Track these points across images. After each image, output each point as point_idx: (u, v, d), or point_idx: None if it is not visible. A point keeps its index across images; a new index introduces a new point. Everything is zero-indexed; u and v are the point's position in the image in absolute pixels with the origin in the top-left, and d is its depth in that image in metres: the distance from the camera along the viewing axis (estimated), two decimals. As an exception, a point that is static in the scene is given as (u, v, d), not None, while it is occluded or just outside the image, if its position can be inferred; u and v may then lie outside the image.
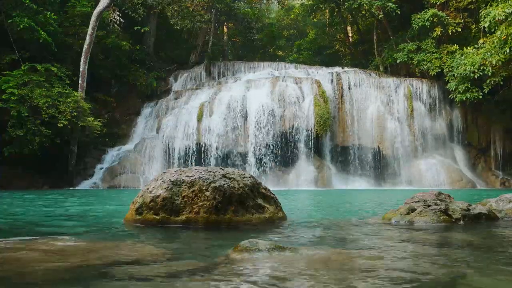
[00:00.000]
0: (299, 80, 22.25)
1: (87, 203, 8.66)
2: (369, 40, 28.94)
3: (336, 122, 21.68)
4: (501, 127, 22.62)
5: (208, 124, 20.37)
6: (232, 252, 2.54)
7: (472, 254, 2.79)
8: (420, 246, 3.03)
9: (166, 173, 4.48)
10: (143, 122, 23.76)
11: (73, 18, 22.09)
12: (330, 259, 2.52)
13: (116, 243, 3.09)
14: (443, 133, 22.42)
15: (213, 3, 27.33)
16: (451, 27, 22.59)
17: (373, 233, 3.80)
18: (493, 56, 18.53)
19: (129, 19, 24.61)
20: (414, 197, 4.78)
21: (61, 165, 19.28)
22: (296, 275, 2.09)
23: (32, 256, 2.51)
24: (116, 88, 24.65)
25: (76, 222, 5.02)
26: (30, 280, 2.01)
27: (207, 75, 26.96)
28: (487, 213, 4.58)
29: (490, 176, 22.17)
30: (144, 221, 4.26)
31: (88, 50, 20.26)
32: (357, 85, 22.41)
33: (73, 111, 17.99)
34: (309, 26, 37.44)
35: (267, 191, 4.69)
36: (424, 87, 22.71)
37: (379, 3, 24.34)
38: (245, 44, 35.84)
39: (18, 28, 18.19)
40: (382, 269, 2.24)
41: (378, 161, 21.27)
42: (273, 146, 20.06)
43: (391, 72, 25.42)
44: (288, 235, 3.78)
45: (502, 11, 17.52)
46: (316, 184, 19.38)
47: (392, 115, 21.86)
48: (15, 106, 16.82)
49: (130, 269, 2.23)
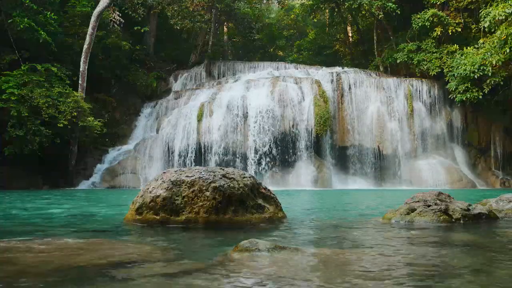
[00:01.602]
0: (299, 80, 22.25)
1: (87, 203, 8.66)
2: (369, 40, 28.94)
3: (336, 122, 21.68)
4: (501, 127, 22.61)
5: (208, 124, 20.37)
6: (232, 252, 2.54)
7: (472, 254, 2.79)
8: (420, 246, 3.03)
9: (166, 173, 4.47)
10: (143, 122, 23.76)
11: (73, 18, 22.10)
12: (330, 259, 2.52)
13: (116, 243, 3.09)
14: (443, 133, 22.42)
15: (213, 3, 27.33)
16: (451, 27, 22.59)
17: (373, 233, 3.80)
18: (493, 56, 18.53)
19: (129, 19, 24.62)
20: (414, 197, 4.78)
21: (61, 165, 19.28)
22: (296, 275, 2.09)
23: (32, 256, 2.51)
24: (116, 88, 24.65)
25: (76, 222, 5.02)
26: (30, 280, 2.01)
27: (207, 75, 26.97)
28: (487, 213, 4.58)
29: (490, 176, 22.17)
30: (144, 221, 4.26)
31: (88, 50, 20.26)
32: (357, 85, 22.40)
33: (73, 111, 18.00)
34: (309, 26, 37.45)
35: (267, 191, 4.69)
36: (424, 87, 22.71)
37: (379, 3, 24.34)
38: (245, 44, 35.84)
39: (18, 28, 18.19)
40: (382, 269, 2.24)
41: (378, 161, 21.27)
42: (273, 146, 20.06)
43: (391, 72, 25.42)
44: (288, 235, 3.78)
45: (502, 11, 17.52)
46: (316, 184, 19.38)
47: (392, 115, 21.85)
48: (15, 106, 16.82)
49: (130, 269, 2.23)
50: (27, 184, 17.90)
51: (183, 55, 29.16)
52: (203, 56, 28.34)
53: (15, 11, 18.64)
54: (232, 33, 35.70)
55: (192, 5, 26.34)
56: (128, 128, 23.65)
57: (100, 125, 19.44)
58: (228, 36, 35.64)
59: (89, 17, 20.88)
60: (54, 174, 19.03)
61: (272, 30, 36.36)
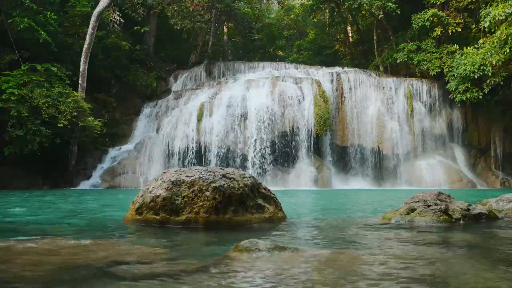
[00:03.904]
0: (299, 80, 22.25)
1: (87, 203, 8.66)
2: (369, 40, 28.94)
3: (336, 122, 21.68)
4: (501, 127, 22.61)
5: (208, 124, 20.37)
6: (232, 252, 2.54)
7: (472, 254, 2.78)
8: (420, 246, 3.03)
9: (166, 173, 4.47)
10: (143, 122, 23.76)
11: (73, 18, 22.11)
12: (330, 259, 2.52)
13: (116, 243, 3.09)
14: (443, 133, 22.42)
15: (213, 3, 27.33)
16: (451, 27, 22.59)
17: (373, 233, 3.80)
18: (493, 56, 18.54)
19: (129, 19, 24.62)
20: (414, 197, 4.77)
21: (61, 165, 19.28)
22: (296, 275, 2.09)
23: (32, 256, 2.51)
24: (116, 88, 24.65)
25: (76, 222, 5.02)
26: (30, 280, 2.01)
27: (207, 75, 26.97)
28: (487, 213, 4.58)
29: (490, 176, 22.17)
30: (144, 221, 4.26)
31: (88, 50, 20.27)
32: (357, 85, 22.41)
33: (73, 111, 18.00)
34: (309, 26, 37.45)
35: (267, 191, 4.68)
36: (424, 87, 22.71)
37: (379, 3, 24.35)
38: (245, 44, 35.83)
39: (18, 28, 18.19)
40: (382, 269, 2.24)
41: (378, 161, 21.27)
42: (273, 146, 20.06)
43: (391, 72, 25.42)
44: (288, 235, 3.78)
45: (502, 11, 17.52)
46: (316, 184, 19.38)
47: (392, 115, 21.85)
48: (15, 106, 16.82)
49: (130, 269, 2.23)
50: (27, 184, 17.89)
51: (183, 55, 29.17)
52: (203, 56, 28.34)
53: (15, 11, 18.64)
54: (232, 33, 35.69)
55: (192, 5, 26.34)
56: (128, 128, 23.65)
57: (100, 125, 19.44)
58: (228, 36, 35.64)
59: (89, 17, 20.88)
60: (54, 174, 19.03)
61: (272, 30, 36.36)
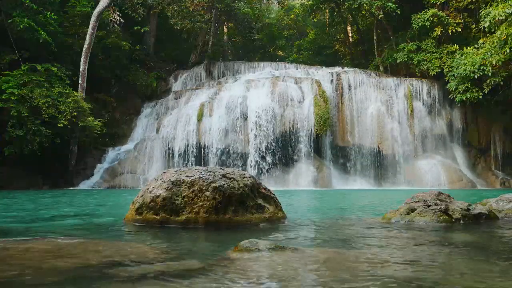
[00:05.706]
0: (299, 80, 22.25)
1: (87, 203, 8.66)
2: (369, 40, 28.94)
3: (336, 122, 21.68)
4: (501, 127, 22.61)
5: (208, 124, 20.37)
6: (232, 252, 2.54)
7: (472, 254, 2.78)
8: (420, 246, 3.03)
9: (166, 173, 4.47)
10: (143, 122, 23.77)
11: (73, 18, 22.12)
12: (331, 259, 2.52)
13: (116, 243, 3.09)
14: (443, 133, 22.42)
15: (213, 3, 27.34)
16: (451, 27, 22.59)
17: (373, 233, 3.80)
18: (493, 56, 18.54)
19: (129, 19, 24.63)
20: (414, 197, 4.77)
21: (61, 165, 19.29)
22: (296, 275, 2.09)
23: (32, 256, 2.51)
24: (116, 88, 24.67)
25: (75, 222, 5.02)
26: (30, 280, 2.01)
27: (207, 75, 26.98)
28: (487, 213, 4.58)
29: (490, 176, 22.17)
30: (144, 221, 4.26)
31: (88, 50, 20.27)
32: (357, 85, 22.41)
33: (73, 111, 18.01)
34: (309, 26, 37.45)
35: (267, 191, 4.68)
36: (424, 87, 22.71)
37: (379, 3, 24.35)
38: (245, 44, 35.85)
39: (18, 28, 18.20)
40: (382, 269, 2.24)
41: (378, 161, 21.26)
42: (273, 146, 20.06)
43: (391, 72, 25.42)
44: (288, 235, 3.77)
45: (502, 11, 17.52)
46: (316, 184, 19.38)
47: (392, 115, 21.85)
48: (15, 106, 16.83)
49: (130, 269, 2.23)
50: (27, 184, 17.90)
51: (183, 55, 29.18)
52: (203, 56, 28.35)
53: (15, 11, 18.65)
54: (232, 33, 35.70)
55: (192, 5, 26.35)
56: (128, 128, 23.66)
57: (100, 125, 19.45)
58: (228, 36, 35.65)
59: (89, 17, 20.89)
60: (54, 174, 19.04)
61: (272, 30, 36.37)
